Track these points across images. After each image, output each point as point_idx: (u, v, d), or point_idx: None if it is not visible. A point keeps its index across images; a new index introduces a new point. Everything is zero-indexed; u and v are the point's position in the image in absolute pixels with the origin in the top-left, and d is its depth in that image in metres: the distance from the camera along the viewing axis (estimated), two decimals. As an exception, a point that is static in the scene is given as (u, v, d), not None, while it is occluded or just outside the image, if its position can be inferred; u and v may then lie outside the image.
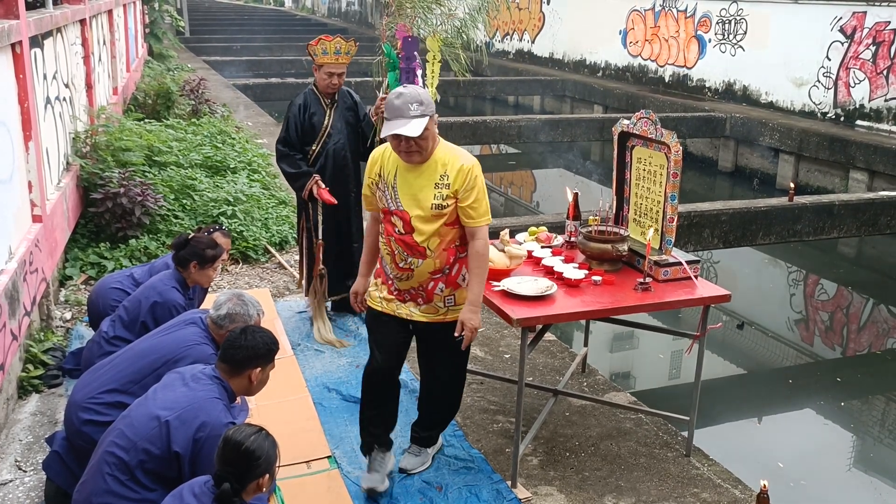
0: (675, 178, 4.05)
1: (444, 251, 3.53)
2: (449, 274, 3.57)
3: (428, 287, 3.57)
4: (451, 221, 3.50)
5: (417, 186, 3.48)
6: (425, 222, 3.48)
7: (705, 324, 4.01)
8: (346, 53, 5.21)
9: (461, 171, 3.47)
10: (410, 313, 3.65)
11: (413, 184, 3.50)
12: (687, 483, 3.97)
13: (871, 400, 7.52)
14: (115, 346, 3.99)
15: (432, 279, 3.56)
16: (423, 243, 3.50)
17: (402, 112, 3.33)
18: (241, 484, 2.63)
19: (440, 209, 3.45)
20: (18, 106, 5.05)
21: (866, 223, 10.02)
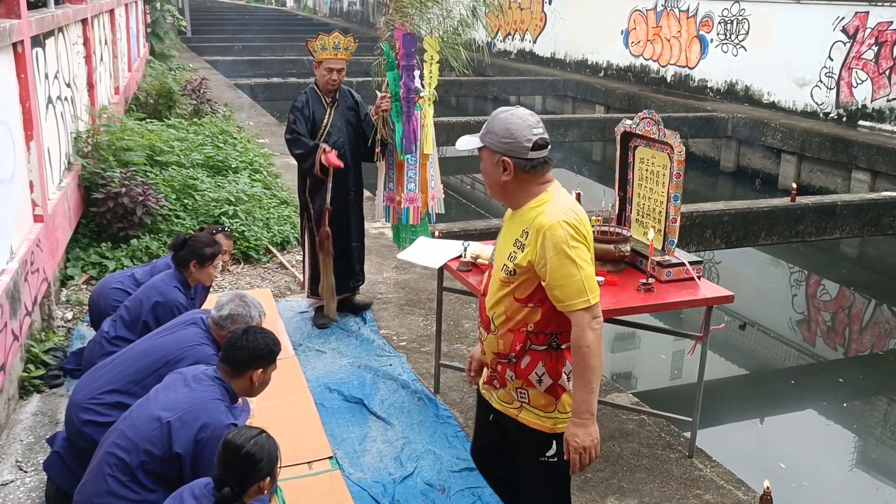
0: (678, 178, 4.04)
1: (508, 332, 2.75)
2: (517, 364, 2.76)
3: (497, 369, 2.85)
4: (523, 297, 2.70)
5: (506, 237, 2.79)
6: (496, 286, 2.78)
7: (708, 324, 3.99)
8: (345, 49, 5.20)
9: (539, 231, 2.62)
10: (490, 395, 2.96)
11: (505, 233, 2.83)
12: (690, 484, 3.96)
13: (873, 400, 7.50)
14: (116, 346, 3.98)
15: (498, 362, 2.83)
16: (489, 312, 2.82)
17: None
18: (241, 487, 2.61)
19: (509, 275, 2.70)
20: (20, 105, 5.04)
21: (868, 223, 10.01)
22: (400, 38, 5.06)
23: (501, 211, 10.43)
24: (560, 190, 2.72)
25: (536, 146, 2.65)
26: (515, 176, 2.68)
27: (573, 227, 2.59)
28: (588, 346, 2.60)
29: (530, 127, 2.67)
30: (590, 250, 2.64)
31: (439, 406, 4.57)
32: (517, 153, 2.65)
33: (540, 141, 2.66)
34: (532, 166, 2.66)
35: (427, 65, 5.22)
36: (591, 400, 2.63)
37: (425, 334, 5.56)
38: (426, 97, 5.28)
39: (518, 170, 2.66)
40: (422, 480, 3.87)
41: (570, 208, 2.65)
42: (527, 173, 2.67)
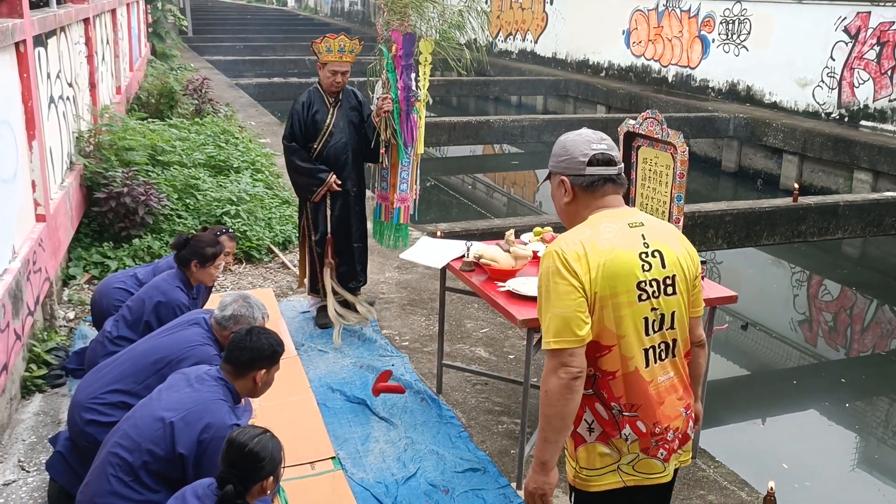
0: (681, 178, 4.03)
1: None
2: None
3: None
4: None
5: None
6: None
7: (711, 325, 3.99)
8: (350, 52, 5.20)
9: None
10: None
11: None
12: (693, 485, 3.95)
13: (875, 401, 7.50)
14: (118, 345, 3.97)
15: None
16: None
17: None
18: (244, 486, 2.61)
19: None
20: (22, 105, 5.04)
21: (871, 224, 10.00)
22: (399, 39, 5.07)
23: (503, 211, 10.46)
24: (607, 218, 2.40)
25: (594, 161, 2.40)
26: (575, 196, 2.44)
27: (565, 259, 2.29)
28: (545, 392, 2.30)
29: (589, 142, 2.44)
30: (586, 294, 2.28)
31: (442, 406, 4.57)
32: (573, 170, 2.42)
33: (599, 156, 2.41)
34: (590, 183, 2.41)
35: (421, 66, 5.24)
36: (541, 449, 2.34)
37: (428, 334, 5.56)
38: (422, 99, 5.29)
39: (577, 188, 2.43)
40: (425, 481, 3.86)
41: (582, 240, 2.34)
42: (586, 192, 2.42)
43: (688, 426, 2.49)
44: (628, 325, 2.32)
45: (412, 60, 5.14)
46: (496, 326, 5.72)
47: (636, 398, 2.35)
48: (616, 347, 2.32)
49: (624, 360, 2.33)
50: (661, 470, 2.42)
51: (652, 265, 2.36)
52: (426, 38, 5.17)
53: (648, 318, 2.35)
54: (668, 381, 2.41)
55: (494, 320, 5.79)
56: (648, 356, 2.36)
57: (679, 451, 2.48)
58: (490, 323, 5.78)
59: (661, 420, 2.38)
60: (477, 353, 5.32)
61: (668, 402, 2.40)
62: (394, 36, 5.09)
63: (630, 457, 2.39)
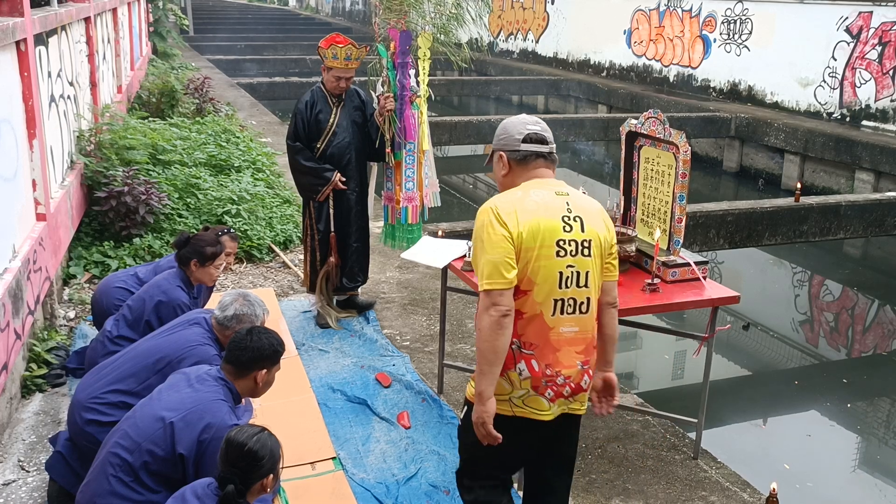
0: (683, 178, 4.02)
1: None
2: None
3: None
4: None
5: None
6: None
7: (714, 325, 3.97)
8: (356, 59, 5.21)
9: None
10: None
11: None
12: (695, 486, 3.94)
13: (877, 401, 7.48)
14: (118, 345, 3.96)
15: None
16: None
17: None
18: (245, 485, 2.61)
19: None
20: (23, 104, 5.03)
21: (873, 224, 9.99)
22: (396, 36, 5.06)
23: (505, 210, 10.17)
24: (536, 185, 2.75)
25: (528, 139, 2.77)
26: (511, 169, 2.81)
27: (498, 214, 2.66)
28: (479, 329, 2.67)
29: (525, 124, 2.81)
30: (514, 243, 2.63)
31: (443, 406, 4.55)
32: (510, 146, 2.79)
33: (533, 135, 2.78)
34: (522, 157, 2.77)
35: (420, 62, 5.23)
36: (478, 381, 2.70)
37: (429, 334, 5.54)
38: (422, 95, 5.28)
39: (512, 161, 2.79)
40: (426, 482, 3.85)
41: (513, 200, 2.70)
42: (520, 165, 2.78)
43: (582, 379, 2.81)
44: (545, 276, 2.66)
45: (410, 58, 5.13)
46: (497, 326, 5.70)
47: (536, 339, 2.71)
48: (531, 293, 2.67)
49: (533, 305, 2.68)
50: (547, 408, 2.76)
51: (573, 227, 2.70)
52: (424, 34, 5.16)
53: (563, 273, 2.68)
54: (572, 333, 2.74)
55: (496, 320, 5.77)
56: (556, 307, 2.69)
57: (570, 399, 2.80)
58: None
59: (553, 364, 2.72)
60: (478, 353, 5.31)
61: (565, 350, 2.73)
62: (391, 34, 5.09)
63: (521, 392, 2.74)
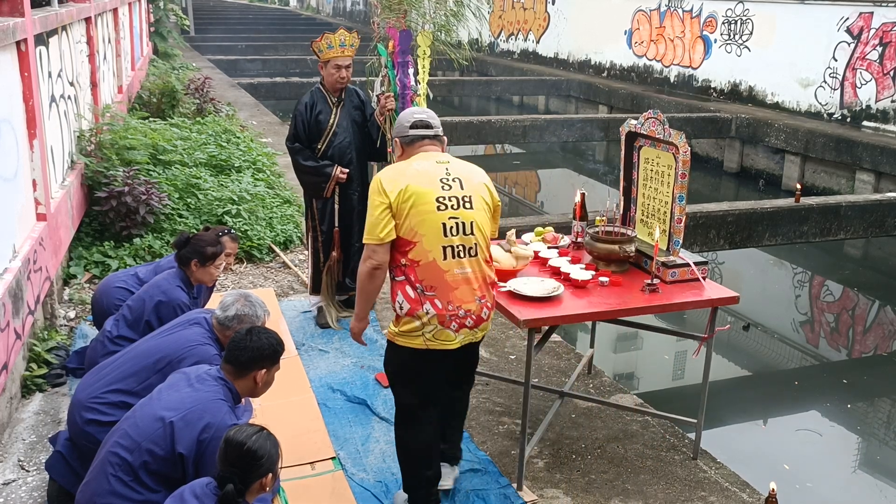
0: (683, 178, 4.02)
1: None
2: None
3: None
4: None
5: None
6: None
7: (713, 325, 3.98)
8: (350, 45, 5.21)
9: None
10: None
11: None
12: (694, 486, 3.94)
13: (877, 402, 7.48)
14: (118, 345, 3.97)
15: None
16: None
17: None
18: (244, 484, 2.61)
19: None
20: (23, 104, 5.04)
21: (873, 224, 9.98)
22: (395, 35, 5.06)
23: (505, 211, 10.45)
24: (420, 158, 3.36)
25: (415, 125, 3.41)
26: (403, 151, 3.43)
27: (381, 184, 3.23)
28: (359, 273, 3.32)
29: (413, 114, 3.47)
30: (394, 205, 3.18)
31: (442, 406, 4.55)
32: (401, 132, 3.44)
33: (418, 122, 3.42)
34: (410, 140, 3.41)
35: (420, 60, 5.23)
36: (357, 307, 3.45)
37: (428, 334, 5.54)
38: (422, 94, 5.28)
39: (404, 145, 3.43)
40: (425, 481, 3.85)
41: (398, 168, 3.32)
42: (409, 146, 3.41)
43: (482, 311, 3.34)
44: (428, 228, 3.19)
45: (409, 57, 5.14)
46: (497, 327, 5.71)
47: (434, 282, 3.22)
48: (419, 243, 3.20)
49: (425, 253, 3.20)
50: (453, 339, 3.30)
51: (452, 186, 3.28)
52: (424, 32, 5.16)
53: (447, 224, 3.22)
54: (465, 274, 3.26)
55: (495, 320, 5.78)
56: (446, 252, 3.22)
57: (473, 330, 3.35)
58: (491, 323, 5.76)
59: (453, 301, 3.25)
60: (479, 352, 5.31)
61: (462, 289, 3.26)
62: (390, 32, 5.09)
63: (430, 328, 3.25)
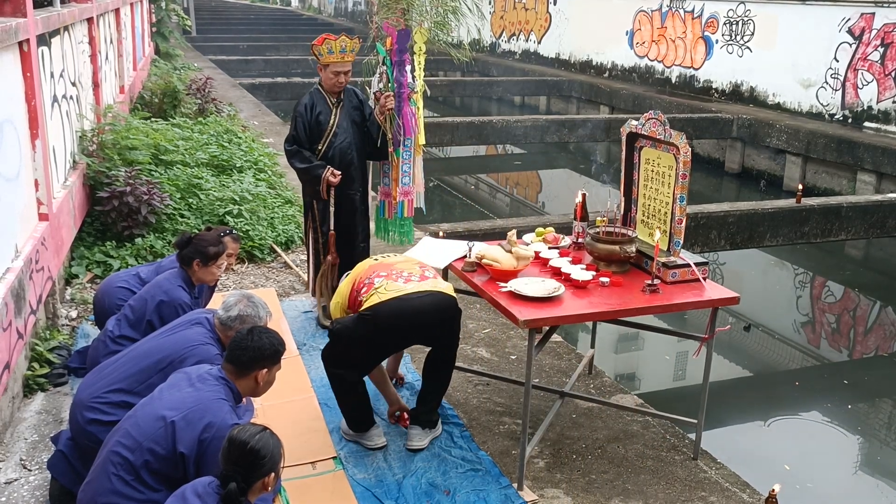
0: (683, 179, 4.03)
1: None
2: None
3: None
4: None
5: None
6: None
7: (714, 326, 3.98)
8: (350, 51, 5.20)
9: None
10: None
11: None
12: (695, 487, 3.94)
13: (878, 402, 7.49)
14: (120, 345, 3.97)
15: None
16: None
17: None
18: (246, 483, 2.62)
19: None
20: (25, 104, 5.05)
21: (874, 225, 9.99)
22: (394, 34, 5.07)
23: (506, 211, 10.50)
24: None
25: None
26: None
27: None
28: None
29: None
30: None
31: (444, 406, 4.56)
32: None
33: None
34: None
35: (416, 56, 5.24)
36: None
37: (429, 334, 5.55)
38: (418, 90, 5.29)
39: None
40: (426, 481, 3.86)
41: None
42: None
43: (424, 272, 3.97)
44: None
45: (406, 56, 5.15)
46: (498, 327, 5.72)
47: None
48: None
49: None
50: (402, 288, 3.83)
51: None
52: (420, 28, 5.17)
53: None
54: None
55: (496, 321, 5.79)
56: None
57: (420, 283, 3.88)
58: (492, 323, 5.78)
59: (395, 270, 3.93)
60: (479, 353, 5.32)
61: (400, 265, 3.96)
62: (387, 30, 5.10)
63: (383, 287, 3.82)
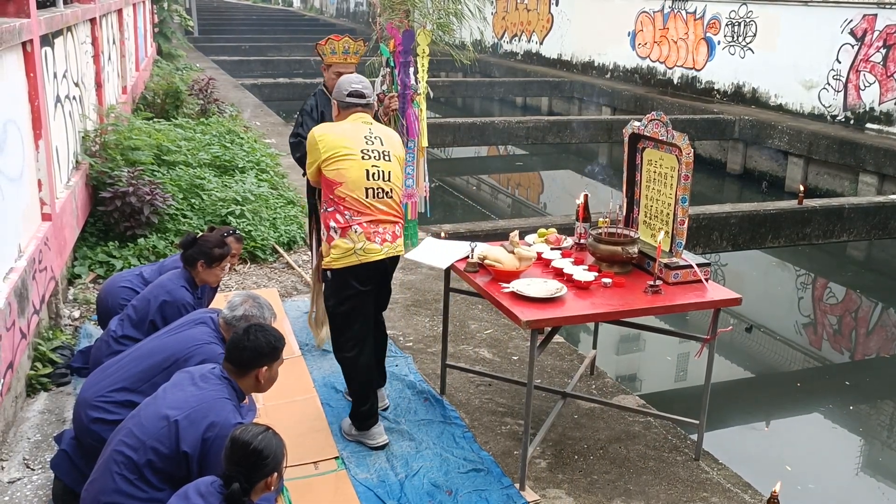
0: (686, 180, 4.03)
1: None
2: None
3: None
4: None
5: None
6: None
7: (716, 327, 3.99)
8: (354, 53, 5.20)
9: None
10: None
11: None
12: (696, 487, 3.95)
13: (879, 403, 7.48)
14: (123, 344, 3.98)
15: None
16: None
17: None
18: (249, 483, 2.62)
19: None
20: (29, 104, 5.06)
21: (876, 226, 9.98)
22: (398, 36, 5.08)
23: (508, 212, 10.54)
24: (349, 120, 4.08)
25: (351, 94, 4.09)
26: (340, 112, 4.16)
27: (314, 136, 3.99)
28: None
29: (350, 83, 4.13)
30: (322, 153, 3.94)
31: (446, 407, 4.57)
32: (340, 97, 4.12)
33: (354, 92, 4.09)
34: (346, 105, 4.11)
35: (420, 59, 5.25)
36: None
37: (431, 335, 5.56)
38: (421, 92, 5.30)
39: (340, 108, 4.15)
40: (428, 482, 3.86)
41: (330, 127, 4.10)
42: (345, 110, 4.12)
43: (395, 229, 4.06)
44: (354, 172, 3.93)
45: (410, 57, 5.16)
46: (500, 328, 5.72)
47: (359, 211, 3.94)
48: (345, 183, 3.92)
49: (350, 191, 3.93)
50: (379, 250, 3.98)
51: (374, 142, 4.02)
52: (423, 31, 5.18)
53: (369, 171, 3.95)
54: (381, 208, 3.99)
55: (498, 321, 5.79)
56: (368, 192, 3.95)
57: (392, 243, 4.04)
58: (494, 324, 5.78)
59: (374, 223, 3.96)
60: (481, 354, 5.33)
61: (380, 216, 3.98)
62: (391, 32, 5.11)
63: (360, 244, 3.94)
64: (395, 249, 4.08)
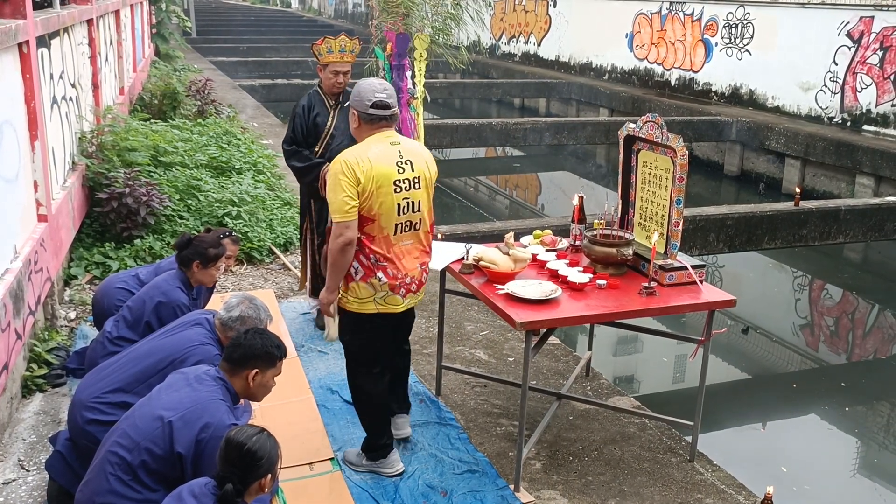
0: (680, 182, 4.04)
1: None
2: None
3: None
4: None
5: None
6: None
7: (710, 329, 3.99)
8: (350, 52, 5.21)
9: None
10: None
11: None
12: (691, 489, 3.95)
13: (875, 405, 7.50)
14: (118, 346, 3.99)
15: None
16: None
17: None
18: (243, 484, 2.63)
19: None
20: (25, 105, 5.06)
21: (872, 228, 10.00)
22: (393, 39, 5.09)
23: (505, 213, 10.54)
24: (379, 139, 3.61)
25: (375, 105, 3.59)
26: (361, 124, 3.66)
27: (348, 164, 3.49)
28: (330, 250, 3.57)
29: (374, 91, 3.61)
30: (361, 187, 3.47)
31: (441, 408, 4.58)
32: (361, 108, 3.62)
33: (379, 102, 3.60)
34: (369, 118, 3.62)
35: (417, 63, 5.25)
36: (329, 280, 3.65)
37: (427, 336, 5.57)
38: (418, 96, 5.30)
39: (362, 120, 3.65)
40: (423, 482, 3.87)
41: (358, 153, 3.54)
42: (367, 123, 3.64)
43: (422, 276, 3.81)
44: (386, 208, 3.55)
45: (405, 61, 5.16)
46: (495, 329, 5.73)
47: (385, 253, 3.62)
48: (377, 220, 3.56)
49: (380, 229, 3.58)
50: (400, 303, 3.73)
51: (405, 169, 3.60)
52: (421, 35, 5.19)
53: (400, 204, 3.58)
54: (409, 245, 3.70)
55: (494, 323, 5.80)
56: (397, 228, 3.62)
57: (416, 293, 3.80)
58: (489, 325, 5.79)
59: (401, 269, 3.67)
60: (476, 355, 5.34)
61: (406, 258, 3.70)
62: (387, 35, 5.12)
63: (382, 293, 3.66)
64: (417, 299, 3.83)
